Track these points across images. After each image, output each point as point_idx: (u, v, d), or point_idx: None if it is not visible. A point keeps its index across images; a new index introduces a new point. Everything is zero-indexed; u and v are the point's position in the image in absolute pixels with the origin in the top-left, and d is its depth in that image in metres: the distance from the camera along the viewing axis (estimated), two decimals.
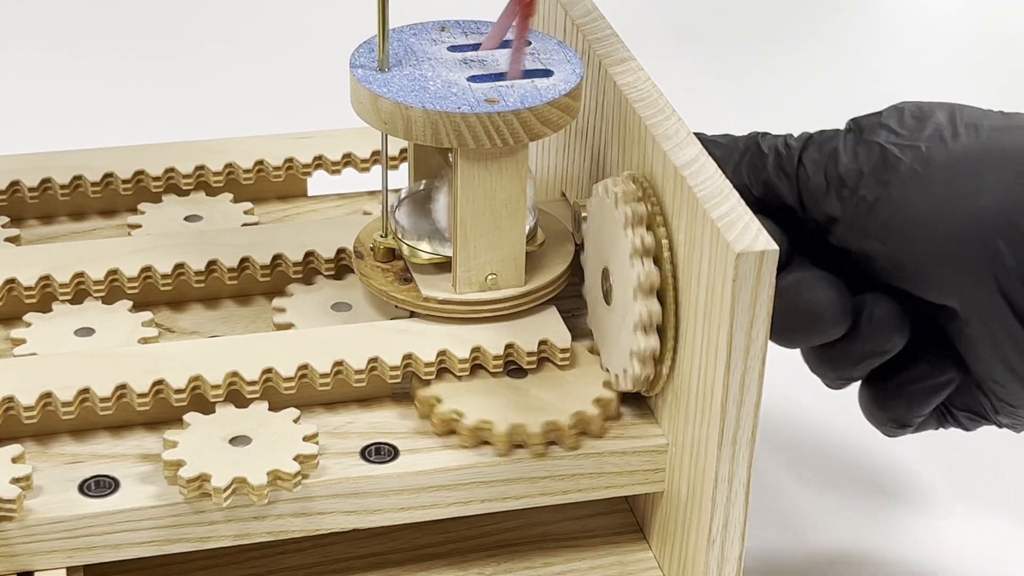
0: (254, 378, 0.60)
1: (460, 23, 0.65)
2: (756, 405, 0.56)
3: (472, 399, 0.61)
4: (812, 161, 0.62)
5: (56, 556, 0.57)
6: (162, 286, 0.67)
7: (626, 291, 0.59)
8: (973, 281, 0.59)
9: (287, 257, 0.68)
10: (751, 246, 0.53)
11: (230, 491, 0.56)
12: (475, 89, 0.60)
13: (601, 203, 0.61)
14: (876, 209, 0.61)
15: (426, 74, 0.61)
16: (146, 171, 0.73)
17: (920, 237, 0.60)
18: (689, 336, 0.58)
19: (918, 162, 0.60)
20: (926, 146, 0.60)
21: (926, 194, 0.60)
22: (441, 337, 0.62)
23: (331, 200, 0.76)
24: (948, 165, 0.60)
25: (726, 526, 0.58)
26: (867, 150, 0.61)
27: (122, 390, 0.59)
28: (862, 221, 0.61)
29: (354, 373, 0.61)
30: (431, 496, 0.60)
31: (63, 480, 0.58)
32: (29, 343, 0.64)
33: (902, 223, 0.60)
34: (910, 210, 0.60)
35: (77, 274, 0.66)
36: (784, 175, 0.63)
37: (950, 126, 0.61)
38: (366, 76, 0.61)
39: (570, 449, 0.60)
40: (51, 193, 0.73)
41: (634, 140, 0.61)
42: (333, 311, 0.66)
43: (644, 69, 0.64)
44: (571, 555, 0.64)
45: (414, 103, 0.59)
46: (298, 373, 0.60)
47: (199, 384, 0.60)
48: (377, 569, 0.63)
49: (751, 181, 0.63)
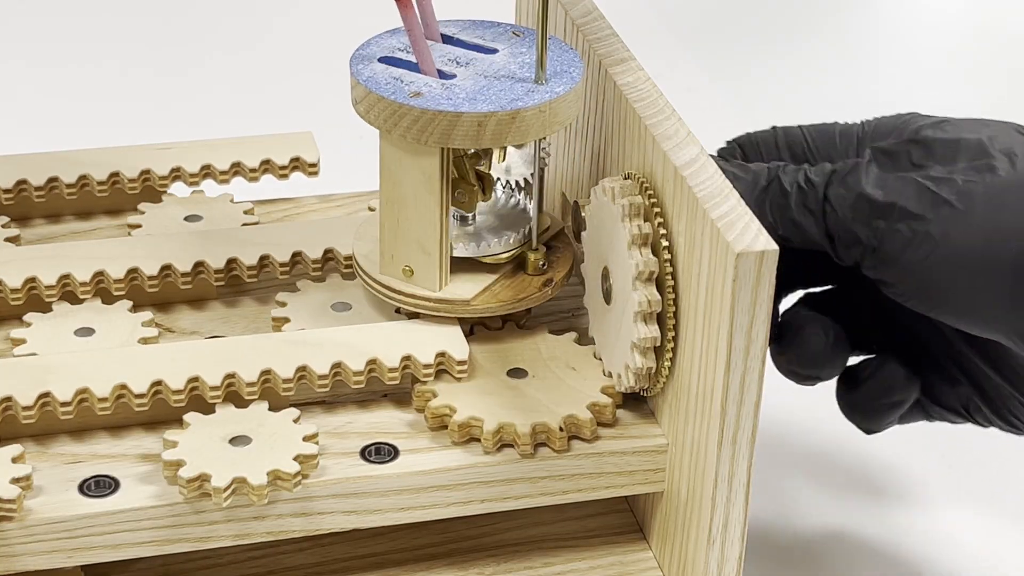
0: (252, 379, 0.60)
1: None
2: (756, 405, 0.56)
3: (468, 396, 0.61)
4: (838, 196, 0.61)
5: (56, 556, 0.57)
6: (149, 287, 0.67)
7: (625, 283, 0.59)
8: (1013, 310, 0.59)
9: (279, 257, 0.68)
10: (751, 246, 0.53)
11: (230, 491, 0.56)
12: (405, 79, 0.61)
13: (600, 203, 0.61)
14: (914, 245, 0.59)
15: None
16: (152, 170, 0.73)
17: (964, 273, 0.59)
18: (689, 336, 0.58)
19: (956, 197, 0.59)
20: (963, 179, 0.59)
21: (967, 230, 0.58)
22: (438, 337, 0.62)
23: (331, 200, 0.76)
24: (988, 199, 0.59)
25: (726, 526, 0.58)
26: (900, 184, 0.60)
27: (121, 390, 0.59)
28: (898, 257, 0.60)
29: (352, 375, 0.61)
30: (431, 496, 0.60)
31: (63, 480, 0.58)
32: (29, 343, 0.64)
33: (943, 260, 0.59)
34: (951, 247, 0.59)
35: (63, 276, 0.66)
36: (810, 213, 0.61)
37: (984, 156, 0.60)
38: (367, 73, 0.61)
39: (560, 452, 0.60)
40: (57, 192, 0.73)
41: (634, 140, 0.61)
42: (333, 311, 0.66)
43: (644, 69, 0.64)
44: (571, 555, 0.64)
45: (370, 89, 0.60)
46: (296, 375, 0.60)
47: (198, 385, 0.60)
48: (377, 569, 0.63)
49: (776, 220, 0.62)
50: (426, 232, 0.62)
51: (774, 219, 0.62)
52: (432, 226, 0.62)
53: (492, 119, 0.59)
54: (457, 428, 0.60)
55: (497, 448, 0.60)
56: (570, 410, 0.61)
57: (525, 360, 0.63)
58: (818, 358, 0.64)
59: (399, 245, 0.63)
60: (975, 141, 0.60)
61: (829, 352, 0.64)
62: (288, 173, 0.75)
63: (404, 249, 0.63)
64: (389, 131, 0.60)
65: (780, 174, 0.62)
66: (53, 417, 0.59)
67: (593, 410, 0.61)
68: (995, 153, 0.60)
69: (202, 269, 0.67)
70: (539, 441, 0.60)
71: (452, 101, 0.59)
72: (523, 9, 0.73)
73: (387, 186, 0.62)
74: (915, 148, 0.61)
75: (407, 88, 0.60)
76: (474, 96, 0.60)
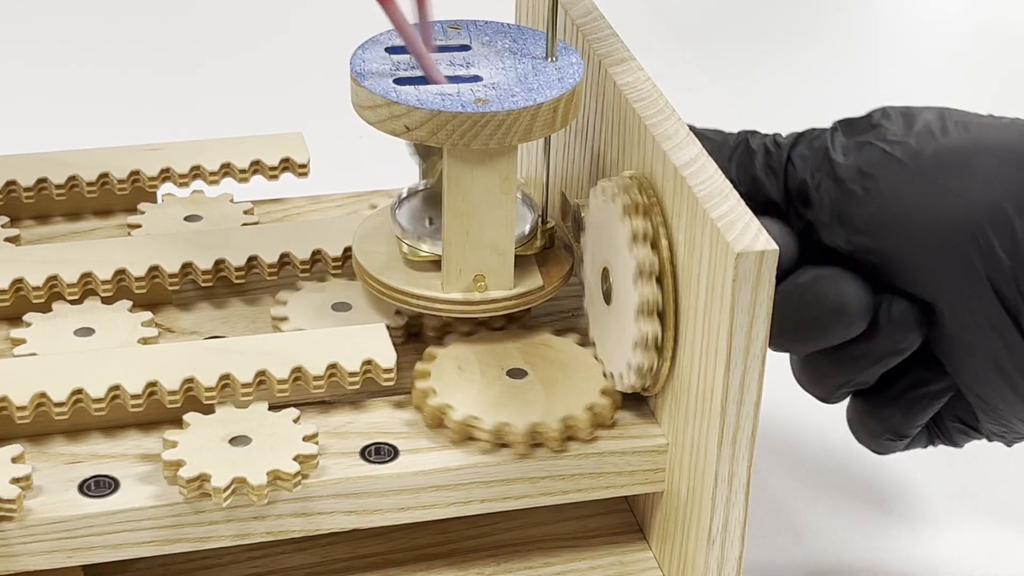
0: (248, 380, 0.60)
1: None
2: (756, 405, 0.56)
3: (467, 395, 0.61)
4: (801, 157, 0.62)
5: (56, 556, 0.57)
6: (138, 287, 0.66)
7: (626, 280, 0.59)
8: (962, 273, 0.59)
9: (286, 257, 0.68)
10: (751, 246, 0.53)
11: (230, 491, 0.56)
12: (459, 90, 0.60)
13: (599, 204, 0.61)
14: (864, 203, 0.61)
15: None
16: (142, 171, 0.73)
17: (908, 230, 0.60)
18: (689, 336, 0.58)
19: (907, 156, 0.60)
20: (916, 141, 0.61)
21: (915, 187, 0.60)
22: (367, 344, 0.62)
23: (332, 200, 0.76)
24: (937, 158, 0.60)
25: (726, 526, 0.58)
26: (857, 147, 0.61)
27: (115, 391, 0.59)
28: (850, 215, 0.61)
29: (348, 375, 0.61)
30: (431, 496, 0.60)
31: (63, 480, 0.58)
32: (29, 343, 0.64)
33: (890, 217, 0.60)
34: (899, 204, 0.60)
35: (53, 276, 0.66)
36: (772, 172, 0.63)
37: (939, 123, 0.61)
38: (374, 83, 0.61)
39: (556, 452, 0.60)
40: (47, 193, 0.72)
41: (634, 140, 0.61)
42: (333, 311, 0.66)
43: (644, 69, 0.64)
44: (571, 555, 0.64)
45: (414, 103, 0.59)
46: (292, 375, 0.60)
47: (192, 386, 0.60)
48: (377, 569, 0.63)
49: (739, 178, 0.63)
50: (500, 233, 0.62)
51: (738, 176, 0.63)
52: (507, 226, 0.62)
53: (562, 102, 0.60)
54: (455, 426, 0.60)
55: (495, 447, 0.60)
56: (568, 411, 0.61)
57: (526, 360, 0.63)
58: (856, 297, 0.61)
59: (468, 257, 0.63)
60: (934, 112, 0.62)
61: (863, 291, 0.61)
62: (278, 174, 0.75)
63: (475, 259, 0.63)
64: (468, 144, 0.59)
65: (748, 136, 0.64)
66: (47, 417, 0.59)
67: (591, 411, 0.61)
68: (949, 123, 0.61)
69: (197, 269, 0.67)
70: (535, 441, 0.60)
71: (523, 96, 0.60)
72: (523, 9, 0.73)
73: (455, 201, 0.61)
74: (878, 117, 0.62)
75: (467, 98, 0.60)
76: (529, 86, 0.60)
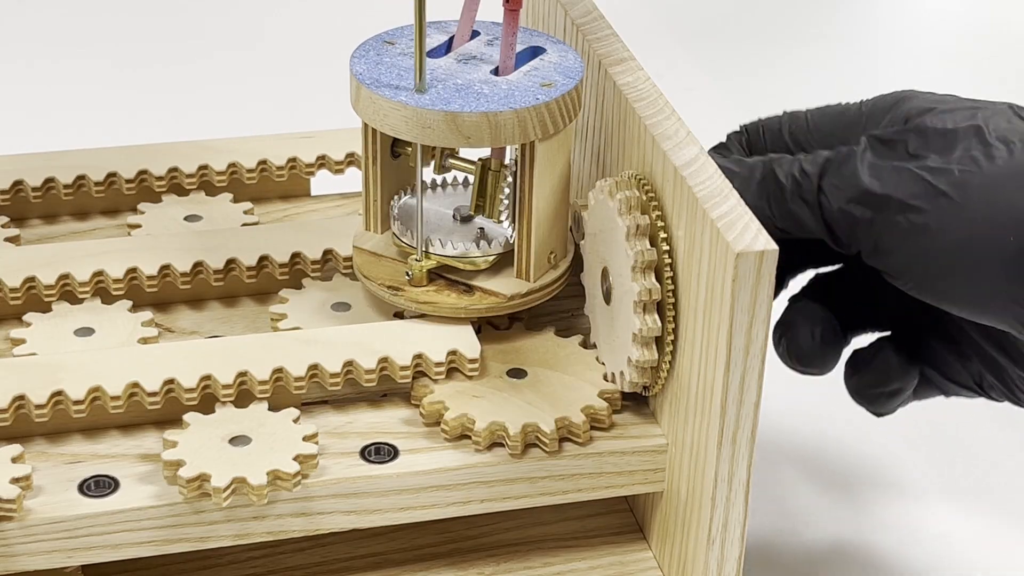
0: (264, 378, 0.60)
1: (400, 31, 0.64)
2: (756, 405, 0.56)
3: (465, 395, 0.61)
4: (832, 187, 0.60)
5: (56, 556, 0.57)
6: (148, 287, 0.67)
7: (624, 276, 0.59)
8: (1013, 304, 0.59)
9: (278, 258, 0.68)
10: (751, 246, 0.53)
11: (230, 491, 0.56)
12: (523, 82, 0.61)
13: (598, 203, 0.61)
14: (913, 237, 0.59)
15: (457, 82, 0.61)
16: (149, 171, 0.73)
17: (962, 264, 0.59)
18: (689, 335, 0.58)
19: (953, 187, 0.58)
20: (959, 169, 0.59)
21: (964, 221, 0.58)
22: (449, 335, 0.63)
23: (332, 200, 0.76)
24: (985, 189, 0.58)
25: (726, 526, 0.58)
26: (896, 175, 0.59)
27: (134, 389, 0.59)
28: (897, 248, 0.60)
29: (364, 373, 0.61)
30: (431, 496, 0.60)
31: (63, 480, 0.58)
32: (29, 343, 0.64)
33: (941, 252, 0.59)
34: (950, 238, 0.58)
35: (63, 275, 0.66)
36: (806, 204, 0.61)
37: (980, 145, 0.59)
38: (423, 100, 0.60)
39: (551, 453, 0.60)
40: (54, 193, 0.73)
41: (634, 140, 0.61)
42: (333, 311, 0.66)
43: (644, 69, 0.64)
44: (571, 555, 0.64)
45: (502, 108, 0.60)
46: (308, 373, 0.60)
47: (210, 384, 0.60)
48: (377, 569, 0.63)
49: (773, 213, 0.62)
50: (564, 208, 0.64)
51: (772, 212, 0.62)
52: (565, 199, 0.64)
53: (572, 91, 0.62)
54: (449, 425, 0.60)
55: (488, 447, 0.60)
56: (564, 412, 0.61)
57: (527, 360, 0.63)
58: (807, 357, 0.65)
59: (551, 237, 0.64)
60: (972, 129, 0.60)
61: (818, 351, 0.65)
62: (285, 175, 0.75)
63: (553, 237, 0.64)
64: (557, 131, 0.61)
65: (775, 166, 0.62)
66: (66, 416, 0.59)
67: (588, 413, 0.61)
68: (992, 141, 0.59)
69: (201, 269, 0.67)
70: (530, 442, 0.60)
71: (562, 77, 0.62)
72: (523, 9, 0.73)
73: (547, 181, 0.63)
74: (911, 137, 0.60)
75: (534, 83, 0.61)
76: (551, 71, 0.62)
